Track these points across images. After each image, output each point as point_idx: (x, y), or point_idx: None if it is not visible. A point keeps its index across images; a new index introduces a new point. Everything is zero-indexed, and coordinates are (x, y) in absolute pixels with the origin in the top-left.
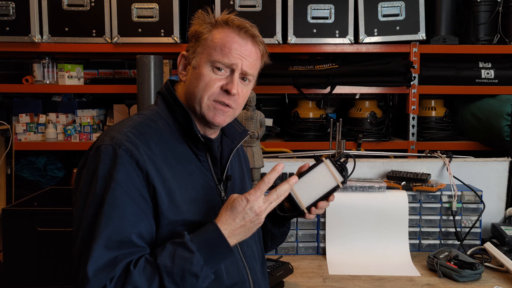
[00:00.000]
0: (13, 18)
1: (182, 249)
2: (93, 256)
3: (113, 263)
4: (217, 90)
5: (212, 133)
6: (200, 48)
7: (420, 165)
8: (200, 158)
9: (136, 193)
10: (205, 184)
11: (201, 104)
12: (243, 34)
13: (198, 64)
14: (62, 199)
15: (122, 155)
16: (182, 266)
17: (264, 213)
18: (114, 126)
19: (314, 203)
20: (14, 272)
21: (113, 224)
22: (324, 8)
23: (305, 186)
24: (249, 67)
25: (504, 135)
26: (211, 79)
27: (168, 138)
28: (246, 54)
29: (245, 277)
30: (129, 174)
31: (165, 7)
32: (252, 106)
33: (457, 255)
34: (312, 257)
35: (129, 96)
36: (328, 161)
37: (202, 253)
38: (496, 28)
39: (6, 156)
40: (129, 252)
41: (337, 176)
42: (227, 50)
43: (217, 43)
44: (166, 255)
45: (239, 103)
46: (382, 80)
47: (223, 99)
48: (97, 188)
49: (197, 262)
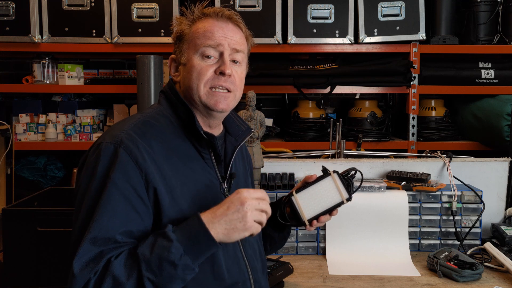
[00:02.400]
0: (13, 18)
1: (162, 238)
2: (80, 251)
3: (98, 257)
4: (211, 75)
5: (215, 127)
6: (185, 45)
7: (420, 165)
8: (204, 155)
9: (132, 193)
10: (208, 182)
11: (199, 93)
12: (221, 17)
13: (188, 59)
14: (62, 199)
15: (122, 154)
16: (160, 254)
17: (250, 208)
18: (116, 124)
19: (316, 216)
20: (14, 272)
21: (102, 221)
22: (324, 8)
23: (309, 198)
24: (236, 45)
25: (504, 135)
26: (202, 67)
27: (171, 136)
28: (230, 35)
29: (247, 276)
30: (126, 174)
31: (165, 7)
32: (252, 106)
33: (457, 255)
34: (312, 257)
35: (129, 96)
36: (335, 175)
37: (182, 243)
38: (496, 28)
39: (6, 156)
40: (115, 247)
41: (343, 192)
42: (210, 34)
43: (199, 32)
44: (146, 245)
45: (236, 84)
46: (382, 80)
47: (219, 82)
48: (94, 187)
49: (176, 251)
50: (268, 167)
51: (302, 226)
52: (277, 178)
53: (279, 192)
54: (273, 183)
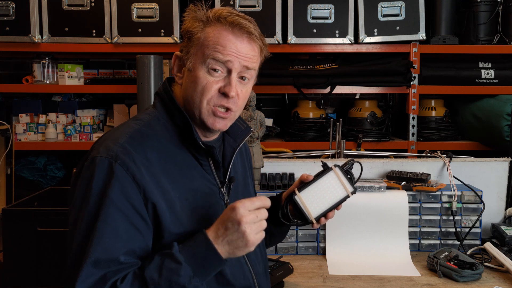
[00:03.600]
0: (13, 18)
1: (169, 260)
2: (82, 275)
3: (102, 281)
4: (215, 93)
5: (213, 135)
6: (194, 49)
7: (420, 165)
8: (202, 162)
9: (130, 210)
10: (207, 190)
11: (201, 110)
12: (237, 31)
13: (193, 67)
14: (62, 199)
15: (118, 170)
16: (169, 278)
17: (248, 225)
18: (110, 134)
19: (324, 213)
20: (14, 272)
21: (103, 243)
22: (324, 8)
23: (313, 196)
24: (248, 63)
25: (504, 135)
26: (208, 82)
27: (167, 144)
28: (242, 52)
29: (251, 282)
30: (124, 190)
31: (165, 7)
32: (252, 106)
33: (457, 255)
34: (312, 257)
35: (129, 96)
36: (337, 169)
37: (190, 264)
38: (496, 28)
39: (6, 156)
40: (118, 269)
41: (347, 186)
42: (221, 48)
43: (209, 41)
44: (153, 267)
45: (239, 105)
46: (382, 80)
47: (222, 102)
48: (90, 204)
49: (185, 274)
50: (268, 167)
51: (308, 224)
52: (277, 178)
53: (279, 192)
54: (273, 183)
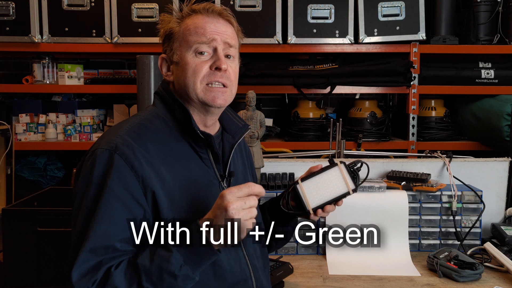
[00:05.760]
0: (13, 18)
1: (162, 248)
2: (79, 261)
3: (97, 267)
4: (207, 71)
5: (212, 125)
6: (176, 43)
7: (420, 165)
8: (201, 155)
9: (129, 199)
10: (207, 181)
11: (196, 91)
12: (211, 13)
13: (180, 57)
14: (62, 199)
15: (117, 160)
16: (160, 265)
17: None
18: (111, 129)
19: (321, 205)
20: (14, 272)
21: (100, 230)
22: (324, 8)
23: (315, 187)
24: (229, 39)
25: (504, 135)
26: (197, 63)
27: (167, 138)
28: (222, 30)
29: (248, 275)
30: (122, 180)
31: (165, 7)
32: (252, 106)
33: (457, 255)
34: (312, 257)
35: (129, 96)
36: (342, 166)
37: (181, 252)
38: (496, 28)
39: (6, 156)
40: (114, 256)
41: (349, 183)
42: (202, 30)
43: (190, 29)
44: (146, 255)
45: (232, 79)
46: (382, 80)
47: (215, 78)
48: (91, 194)
49: (176, 262)
50: (268, 167)
51: (306, 216)
52: (277, 178)
53: (279, 192)
54: (273, 183)
